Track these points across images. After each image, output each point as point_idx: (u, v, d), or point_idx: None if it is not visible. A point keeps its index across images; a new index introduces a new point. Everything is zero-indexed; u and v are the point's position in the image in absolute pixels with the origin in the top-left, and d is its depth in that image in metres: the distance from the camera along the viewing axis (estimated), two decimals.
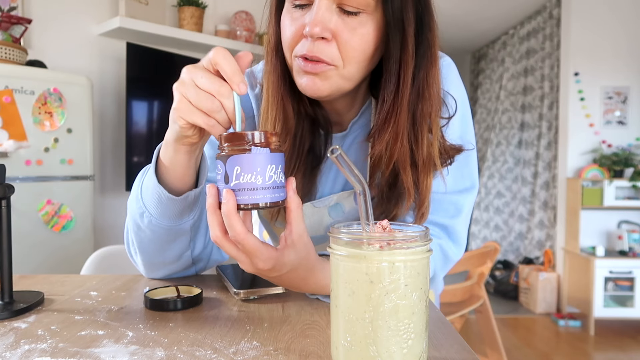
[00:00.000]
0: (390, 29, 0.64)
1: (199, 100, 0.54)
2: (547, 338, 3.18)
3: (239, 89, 0.53)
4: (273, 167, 0.52)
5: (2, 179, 0.61)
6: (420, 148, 0.68)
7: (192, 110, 0.54)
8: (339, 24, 0.63)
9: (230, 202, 0.51)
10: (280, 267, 0.55)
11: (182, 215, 0.68)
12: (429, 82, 0.67)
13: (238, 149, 0.51)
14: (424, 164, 0.69)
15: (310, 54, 0.63)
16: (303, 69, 0.65)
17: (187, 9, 3.04)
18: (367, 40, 0.64)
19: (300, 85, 0.68)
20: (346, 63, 0.65)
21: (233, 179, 0.51)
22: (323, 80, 0.66)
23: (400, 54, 0.65)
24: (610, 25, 3.58)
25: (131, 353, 0.49)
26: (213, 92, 0.53)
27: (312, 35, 0.62)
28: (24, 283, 0.77)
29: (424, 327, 0.44)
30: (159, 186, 0.64)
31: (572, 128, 3.63)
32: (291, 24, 0.66)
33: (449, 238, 0.78)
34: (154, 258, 0.74)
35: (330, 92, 0.67)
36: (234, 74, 0.53)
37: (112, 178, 2.91)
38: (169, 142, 0.62)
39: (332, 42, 0.63)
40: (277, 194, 0.52)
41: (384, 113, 0.67)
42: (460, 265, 2.16)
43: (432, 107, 0.68)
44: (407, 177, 0.68)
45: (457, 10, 4.08)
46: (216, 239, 0.54)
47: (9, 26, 2.29)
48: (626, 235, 3.40)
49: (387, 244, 0.43)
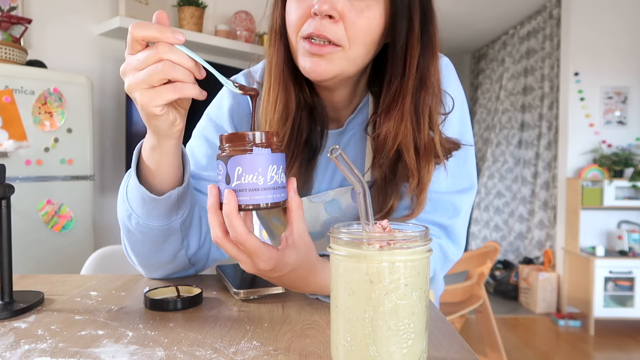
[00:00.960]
0: (398, 15, 0.67)
1: (150, 76, 0.52)
2: (547, 338, 3.18)
3: (176, 40, 0.52)
4: (274, 167, 0.52)
5: (2, 179, 0.61)
6: (422, 133, 0.69)
7: (157, 92, 0.53)
8: (347, 5, 0.65)
9: (231, 203, 0.50)
10: (281, 267, 0.55)
11: (169, 214, 0.68)
12: (430, 72, 0.70)
13: (239, 150, 0.51)
14: (425, 149, 0.70)
15: (317, 32, 0.64)
16: (309, 51, 0.66)
17: (187, 9, 3.04)
18: (373, 24, 0.66)
19: (304, 68, 0.68)
20: (351, 44, 0.66)
21: (234, 179, 0.51)
22: (328, 63, 0.67)
23: (407, 38, 0.68)
24: (610, 25, 3.58)
25: (131, 353, 0.49)
26: (154, 59, 0.51)
27: (320, 12, 0.63)
28: (24, 283, 0.77)
29: (424, 327, 0.44)
30: (141, 187, 0.64)
31: (572, 128, 3.63)
32: (298, 6, 0.67)
33: (448, 238, 0.78)
34: (149, 259, 0.74)
35: (334, 74, 0.68)
36: (161, 32, 0.51)
37: (112, 178, 2.91)
38: (154, 146, 0.62)
39: (339, 22, 0.65)
40: (279, 194, 0.53)
41: (391, 93, 0.69)
42: (460, 265, 2.16)
43: (433, 97, 0.70)
44: (410, 158, 0.69)
45: (457, 10, 4.08)
46: (217, 239, 0.54)
47: (9, 26, 2.29)
48: (626, 235, 3.40)
49: (387, 243, 0.43)
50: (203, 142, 0.82)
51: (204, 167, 0.80)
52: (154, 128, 0.59)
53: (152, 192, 0.65)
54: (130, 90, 0.54)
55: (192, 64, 0.53)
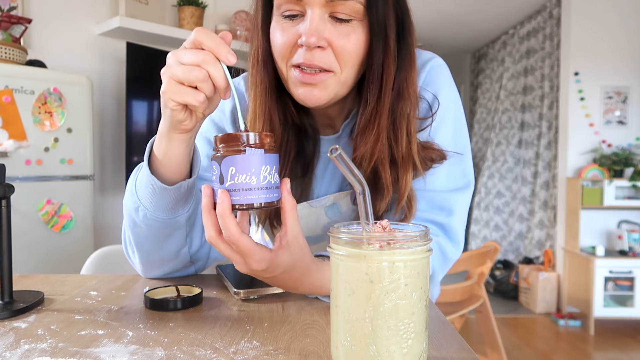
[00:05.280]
0: (374, 35, 0.67)
1: (185, 74, 0.54)
2: (547, 338, 3.18)
3: (226, 60, 0.54)
4: (267, 167, 0.52)
5: (2, 179, 0.61)
6: (399, 145, 0.70)
7: (180, 89, 0.55)
8: (333, 32, 0.65)
9: (225, 203, 0.51)
10: (274, 268, 0.56)
11: (176, 207, 0.68)
12: (408, 83, 0.70)
13: (233, 150, 0.51)
14: (403, 160, 0.71)
15: (308, 62, 0.65)
16: (301, 80, 0.67)
17: (187, 9, 3.04)
18: (359, 45, 0.67)
19: (298, 96, 0.69)
20: (343, 68, 0.67)
21: (228, 179, 0.51)
22: (321, 90, 0.67)
23: (383, 58, 0.68)
24: (611, 25, 3.58)
25: (131, 353, 0.49)
26: (198, 63, 0.53)
27: (308, 45, 0.64)
28: (24, 283, 0.77)
29: (423, 326, 0.44)
30: (152, 176, 0.65)
31: (572, 128, 3.63)
32: (282, 35, 0.67)
33: (446, 236, 0.78)
34: (152, 255, 0.74)
35: (328, 99, 0.69)
36: (218, 46, 0.53)
37: (112, 178, 2.91)
38: (162, 134, 0.63)
39: (328, 49, 0.65)
40: (272, 194, 0.53)
41: (367, 115, 0.70)
42: (460, 265, 2.16)
43: (411, 106, 0.71)
44: (385, 173, 0.70)
45: (457, 10, 4.07)
46: (211, 239, 0.55)
47: (8, 26, 2.29)
48: (626, 235, 3.40)
49: (387, 243, 0.43)
50: (204, 143, 0.83)
51: (205, 168, 0.81)
52: (165, 115, 0.60)
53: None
54: (163, 74, 0.56)
55: (224, 84, 0.55)
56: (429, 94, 0.76)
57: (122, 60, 2.84)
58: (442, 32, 4.64)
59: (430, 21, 4.26)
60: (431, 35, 4.71)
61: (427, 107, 0.75)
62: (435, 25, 4.41)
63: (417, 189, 0.75)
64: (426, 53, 0.79)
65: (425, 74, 0.77)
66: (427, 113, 0.75)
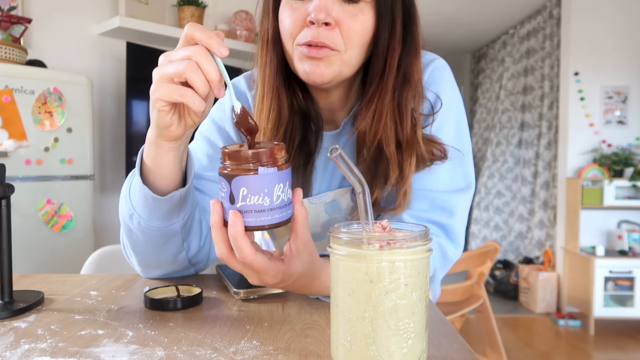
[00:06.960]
0: (381, 17, 0.69)
1: (174, 68, 0.52)
2: (547, 338, 3.18)
3: (218, 51, 0.51)
4: (281, 185, 0.50)
5: (2, 179, 0.61)
6: (404, 129, 0.72)
7: (169, 87, 0.53)
8: (341, 11, 0.66)
9: (238, 226, 0.49)
10: (287, 278, 0.56)
11: (170, 216, 0.68)
12: (413, 69, 0.72)
13: (243, 169, 0.48)
14: (408, 144, 0.72)
15: (315, 40, 0.66)
16: (307, 55, 0.67)
17: (187, 9, 3.04)
18: (366, 26, 0.68)
19: (303, 72, 0.69)
20: (348, 47, 0.68)
21: (239, 200, 0.49)
22: (327, 66, 0.68)
23: (389, 40, 0.70)
24: (611, 25, 3.58)
25: (131, 353, 0.49)
26: (189, 56, 0.51)
27: (317, 20, 0.64)
28: (24, 282, 0.77)
29: (423, 326, 0.44)
30: (144, 186, 0.64)
31: (572, 128, 3.63)
32: (292, 14, 0.68)
33: (447, 237, 0.78)
34: (150, 259, 0.74)
35: (332, 76, 0.69)
36: (209, 38, 0.51)
37: (112, 178, 2.91)
38: (151, 141, 0.62)
39: (335, 28, 0.66)
40: (285, 213, 0.51)
41: (370, 92, 0.72)
42: (460, 265, 2.16)
43: (416, 93, 0.72)
44: (390, 152, 0.71)
45: (457, 10, 4.07)
46: (222, 256, 0.53)
47: (8, 26, 2.29)
48: (626, 235, 3.40)
49: (387, 243, 0.43)
50: (205, 142, 0.82)
51: (205, 167, 0.80)
52: (152, 118, 0.59)
53: (154, 193, 0.65)
54: (153, 74, 0.55)
55: (217, 77, 0.52)
56: (432, 94, 0.76)
57: (122, 60, 2.84)
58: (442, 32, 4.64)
59: (430, 21, 4.26)
60: (431, 35, 4.71)
61: (429, 107, 0.75)
62: (435, 25, 4.40)
63: (419, 189, 0.75)
64: (429, 54, 0.80)
65: (429, 74, 0.77)
66: (430, 112, 0.75)
